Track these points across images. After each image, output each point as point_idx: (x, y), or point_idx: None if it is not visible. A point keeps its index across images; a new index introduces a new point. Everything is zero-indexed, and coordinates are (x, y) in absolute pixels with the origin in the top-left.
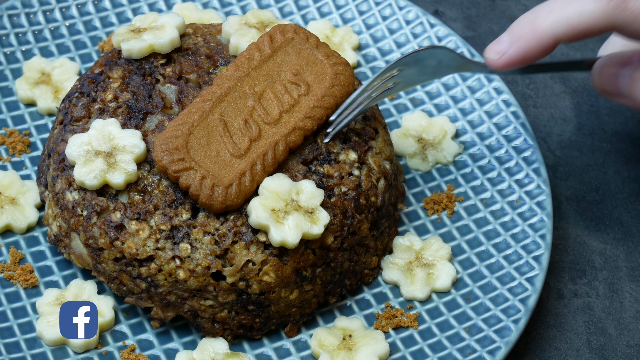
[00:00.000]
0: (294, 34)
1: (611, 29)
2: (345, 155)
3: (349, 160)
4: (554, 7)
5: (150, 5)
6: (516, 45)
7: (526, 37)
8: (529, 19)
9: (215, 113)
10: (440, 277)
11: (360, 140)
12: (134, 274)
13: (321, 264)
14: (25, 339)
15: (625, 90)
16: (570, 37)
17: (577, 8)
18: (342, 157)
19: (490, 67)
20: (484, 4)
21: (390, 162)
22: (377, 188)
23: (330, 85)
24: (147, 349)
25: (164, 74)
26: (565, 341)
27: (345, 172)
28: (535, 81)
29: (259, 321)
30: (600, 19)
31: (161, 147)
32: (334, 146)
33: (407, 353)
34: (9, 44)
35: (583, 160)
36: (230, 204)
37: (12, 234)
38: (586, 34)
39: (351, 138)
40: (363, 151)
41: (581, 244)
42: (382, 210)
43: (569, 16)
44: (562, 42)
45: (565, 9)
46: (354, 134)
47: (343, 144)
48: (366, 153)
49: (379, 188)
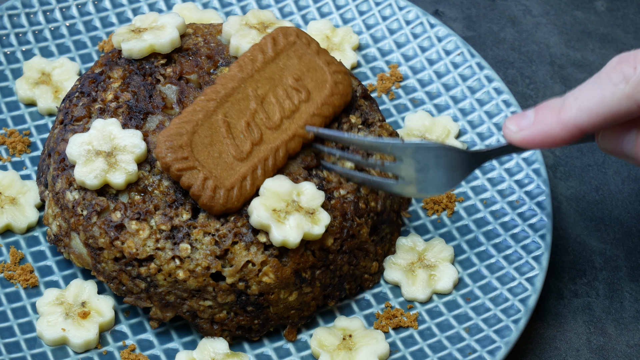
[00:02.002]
0: (296, 38)
1: (637, 109)
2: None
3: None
4: (580, 94)
5: (150, 5)
6: (539, 127)
7: (550, 122)
8: (557, 104)
9: (219, 113)
10: (441, 278)
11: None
12: (133, 273)
13: (320, 266)
14: (25, 338)
15: (631, 153)
16: (595, 125)
17: (599, 95)
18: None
19: (507, 139)
20: (484, 4)
21: None
22: (377, 193)
23: (330, 94)
24: (147, 349)
25: (165, 74)
26: (565, 341)
27: (344, 178)
28: (535, 81)
29: (257, 323)
30: (623, 103)
31: (165, 144)
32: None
33: (407, 353)
34: (9, 44)
35: (583, 160)
36: (230, 207)
37: (12, 234)
38: (613, 120)
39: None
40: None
41: (581, 244)
42: (382, 215)
43: (591, 105)
44: (588, 131)
45: (589, 97)
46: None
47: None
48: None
49: (379, 193)
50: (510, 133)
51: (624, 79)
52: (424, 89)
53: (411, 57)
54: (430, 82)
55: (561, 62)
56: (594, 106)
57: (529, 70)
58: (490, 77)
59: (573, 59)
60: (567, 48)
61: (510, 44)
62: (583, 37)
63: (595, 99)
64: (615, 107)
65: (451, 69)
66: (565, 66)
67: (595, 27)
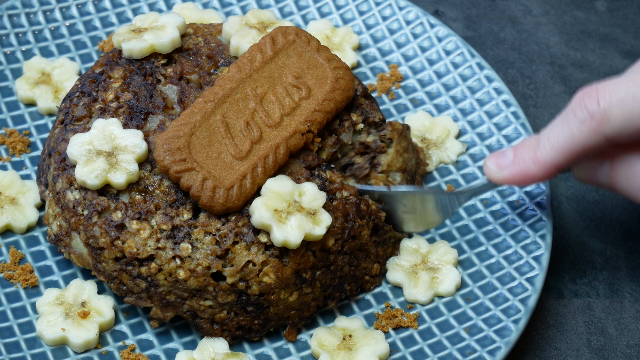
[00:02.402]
0: (296, 37)
1: (606, 142)
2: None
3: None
4: (551, 133)
5: (150, 5)
6: (517, 167)
7: (527, 162)
8: (532, 145)
9: (217, 114)
10: (444, 281)
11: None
12: (134, 273)
13: (321, 267)
14: (25, 338)
15: (606, 183)
16: (569, 162)
17: (568, 133)
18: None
19: (488, 177)
20: (484, 4)
21: (403, 172)
22: None
23: (331, 89)
24: (147, 349)
25: (165, 74)
26: (565, 341)
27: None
28: (535, 81)
29: (257, 323)
30: (592, 138)
31: (163, 147)
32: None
33: (407, 353)
34: (9, 44)
35: None
36: (230, 206)
37: (12, 233)
38: (585, 154)
39: (354, 161)
40: (363, 176)
41: (581, 244)
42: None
43: (562, 144)
44: (564, 168)
45: (559, 136)
46: (361, 149)
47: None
48: (368, 175)
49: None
50: (492, 172)
51: (589, 116)
52: (424, 89)
53: (411, 57)
54: (430, 82)
55: (561, 62)
56: (565, 145)
57: (529, 70)
58: (490, 77)
59: (573, 59)
60: (567, 48)
61: (510, 44)
62: (583, 37)
63: (564, 138)
64: (584, 143)
65: (451, 69)
66: (566, 66)
67: (596, 27)
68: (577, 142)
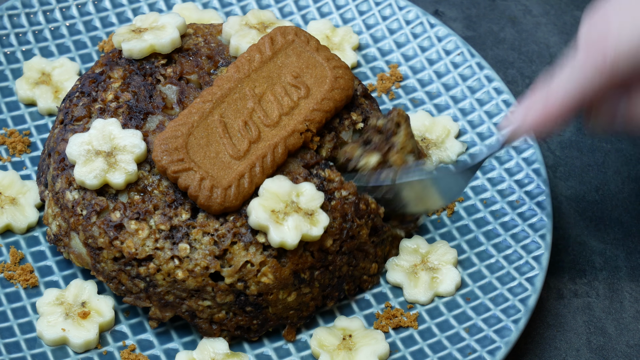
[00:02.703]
0: (295, 37)
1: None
2: (365, 160)
3: (371, 164)
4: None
5: (150, 5)
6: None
7: (541, 112)
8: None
9: (215, 114)
10: (444, 281)
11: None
12: (132, 273)
13: (319, 267)
14: (25, 339)
15: (622, 122)
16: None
17: (574, 77)
18: (362, 162)
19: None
20: (484, 4)
21: (413, 153)
22: None
23: (330, 88)
24: (147, 349)
25: (165, 75)
26: (565, 341)
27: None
28: (535, 81)
29: (256, 323)
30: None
31: (161, 147)
32: (355, 150)
33: (407, 353)
34: (9, 44)
35: (583, 160)
36: (228, 206)
37: (12, 234)
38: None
39: (372, 139)
40: (384, 152)
41: (581, 244)
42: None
43: (571, 90)
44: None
45: (567, 84)
46: (375, 132)
47: (364, 146)
48: (388, 152)
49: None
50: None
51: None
52: (424, 89)
53: (411, 57)
54: (430, 82)
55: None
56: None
57: (529, 70)
58: (490, 77)
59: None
60: (567, 48)
61: (510, 44)
62: None
63: (574, 84)
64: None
65: (451, 69)
66: None
67: None
68: (588, 89)
